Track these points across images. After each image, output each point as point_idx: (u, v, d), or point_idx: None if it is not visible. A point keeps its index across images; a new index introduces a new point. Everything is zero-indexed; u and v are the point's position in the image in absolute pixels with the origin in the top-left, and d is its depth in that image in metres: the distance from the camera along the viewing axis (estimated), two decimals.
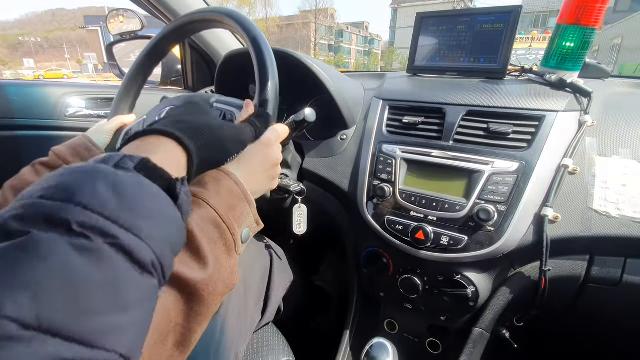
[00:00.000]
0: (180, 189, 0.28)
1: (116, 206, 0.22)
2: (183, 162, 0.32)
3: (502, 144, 0.61)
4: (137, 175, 0.25)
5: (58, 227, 0.20)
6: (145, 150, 0.30)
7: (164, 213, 0.26)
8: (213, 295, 0.34)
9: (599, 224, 0.55)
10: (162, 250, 0.24)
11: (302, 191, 0.71)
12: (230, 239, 0.38)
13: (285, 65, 0.64)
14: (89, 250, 0.20)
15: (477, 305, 0.63)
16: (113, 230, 0.21)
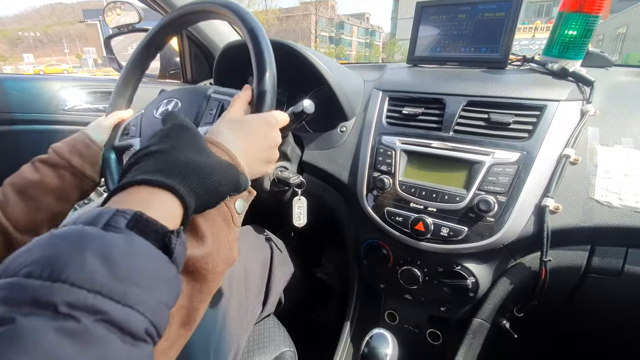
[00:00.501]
0: (175, 242, 0.26)
1: (106, 278, 0.21)
2: (178, 212, 0.30)
3: (503, 134, 0.60)
4: (129, 235, 0.24)
5: (44, 311, 0.18)
6: (137, 202, 0.28)
7: (158, 275, 0.24)
8: (213, 272, 0.33)
9: (601, 214, 0.54)
10: (156, 313, 0.23)
11: (302, 183, 0.71)
12: (227, 211, 0.37)
13: (284, 57, 0.63)
14: (76, 334, 0.19)
15: (477, 296, 0.63)
16: (103, 306, 0.20)
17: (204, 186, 0.32)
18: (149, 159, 0.32)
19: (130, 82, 0.69)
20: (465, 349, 0.67)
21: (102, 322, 0.20)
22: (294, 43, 0.75)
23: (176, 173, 0.30)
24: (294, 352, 0.68)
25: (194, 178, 0.31)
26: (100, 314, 0.20)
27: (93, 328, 0.19)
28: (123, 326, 0.21)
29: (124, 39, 1.28)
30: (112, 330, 0.20)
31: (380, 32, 55.37)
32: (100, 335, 0.19)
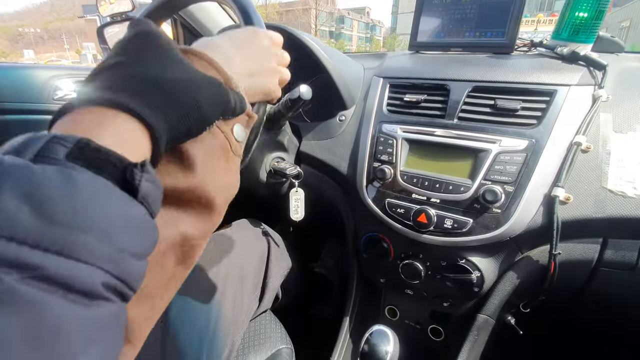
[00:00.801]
0: (140, 177, 0.20)
1: (35, 222, 0.15)
2: (144, 141, 0.23)
3: (510, 121, 0.57)
4: (70, 168, 0.18)
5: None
6: (84, 128, 0.21)
7: (117, 217, 0.19)
8: (209, 205, 0.29)
9: (614, 204, 0.51)
10: (119, 264, 0.18)
11: (299, 174, 0.69)
12: (223, 138, 0.31)
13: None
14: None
15: (482, 291, 0.60)
16: (32, 259, 0.15)
17: (177, 106, 0.25)
18: (101, 75, 0.24)
19: None
20: (469, 345, 0.64)
21: (33, 279, 0.15)
22: (291, 28, 0.72)
23: (139, 92, 0.23)
24: (291, 349, 0.65)
25: (162, 96, 0.24)
26: (28, 270, 0.15)
27: (19, 288, 0.14)
28: (65, 283, 0.16)
29: (119, 30, 1.25)
30: (49, 289, 0.15)
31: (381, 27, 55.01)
32: (30, 296, 0.15)
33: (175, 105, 0.25)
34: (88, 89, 0.23)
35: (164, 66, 0.26)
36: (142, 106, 0.22)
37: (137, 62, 0.25)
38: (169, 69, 0.26)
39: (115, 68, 0.24)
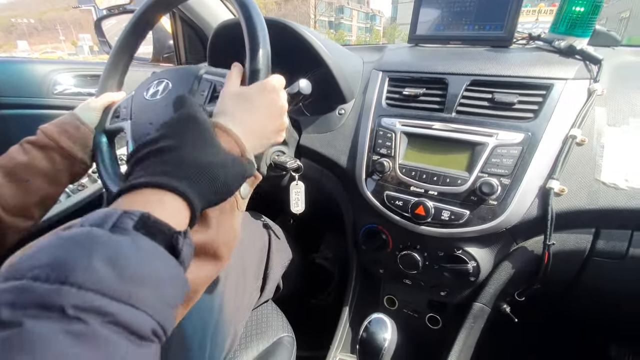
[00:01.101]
0: (182, 243, 0.26)
1: (113, 280, 0.21)
2: (185, 214, 0.30)
3: (507, 114, 0.58)
4: (136, 237, 0.24)
5: (52, 313, 0.18)
6: (144, 204, 0.28)
7: (164, 276, 0.24)
8: (214, 257, 0.34)
9: (607, 196, 0.53)
10: (163, 313, 0.23)
11: (299, 168, 0.69)
12: (232, 198, 0.36)
13: (279, 37, 0.61)
14: (84, 336, 0.19)
15: (478, 281, 0.62)
16: (109, 308, 0.20)
17: (213, 189, 0.32)
18: (156, 157, 0.32)
19: (120, 63, 0.67)
20: (465, 333, 0.66)
21: (109, 324, 0.20)
22: (290, 21, 0.72)
23: (185, 176, 0.30)
24: (292, 338, 0.67)
25: (204, 182, 0.31)
26: (107, 316, 0.20)
27: (100, 330, 0.19)
28: (129, 327, 0.21)
29: (117, 23, 1.24)
30: (119, 331, 0.20)
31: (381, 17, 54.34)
32: (107, 337, 0.20)
33: (211, 187, 0.32)
34: (149, 169, 0.30)
35: (206, 151, 0.33)
36: (186, 187, 0.29)
37: (185, 148, 0.32)
38: (207, 152, 0.33)
39: (169, 152, 0.32)
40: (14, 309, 0.18)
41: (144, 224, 0.25)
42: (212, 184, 0.32)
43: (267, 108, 0.44)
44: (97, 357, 0.19)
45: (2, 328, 0.18)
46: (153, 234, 0.25)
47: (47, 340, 0.18)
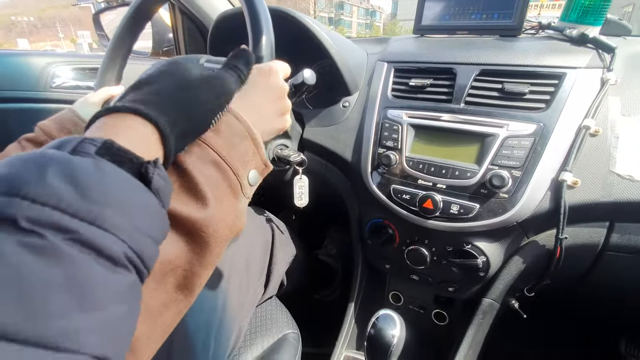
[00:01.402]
0: (153, 172, 0.24)
1: (73, 197, 0.19)
2: (154, 140, 0.27)
3: (518, 105, 0.56)
4: (100, 161, 0.22)
5: (3, 226, 0.17)
6: (107, 132, 0.25)
7: (134, 200, 0.22)
8: (215, 237, 0.31)
9: (621, 188, 0.51)
10: (137, 241, 0.22)
11: (303, 161, 0.68)
12: (235, 180, 0.34)
13: (283, 27, 0.59)
14: (42, 249, 0.17)
15: (488, 276, 0.60)
16: (71, 225, 0.18)
17: (182, 106, 0.30)
18: (131, 91, 0.31)
19: (118, 56, 0.65)
20: (474, 329, 0.65)
21: (73, 241, 0.18)
22: (293, 11, 0.70)
23: (146, 100, 0.29)
24: (297, 334, 0.66)
25: (167, 101, 0.30)
26: (68, 233, 0.18)
27: (62, 246, 0.18)
28: (97, 248, 0.19)
29: (116, 18, 1.22)
30: (86, 252, 0.19)
31: (381, 13, 54.06)
32: (72, 255, 0.18)
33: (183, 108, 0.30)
34: (120, 102, 0.29)
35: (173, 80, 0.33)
36: (152, 109, 0.28)
37: (159, 81, 0.32)
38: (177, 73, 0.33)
39: (142, 86, 0.31)
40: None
41: (107, 151, 0.23)
42: (181, 105, 0.30)
43: (266, 90, 0.42)
44: (56, 272, 0.17)
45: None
46: (119, 162, 0.23)
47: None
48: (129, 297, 0.21)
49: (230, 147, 0.35)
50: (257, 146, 0.38)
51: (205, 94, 0.33)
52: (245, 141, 0.36)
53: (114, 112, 0.27)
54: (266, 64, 0.44)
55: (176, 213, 0.29)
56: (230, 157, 0.34)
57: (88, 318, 0.18)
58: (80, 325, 0.18)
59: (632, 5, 14.68)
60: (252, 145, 0.37)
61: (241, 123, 0.36)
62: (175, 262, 0.29)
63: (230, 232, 0.34)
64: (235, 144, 0.35)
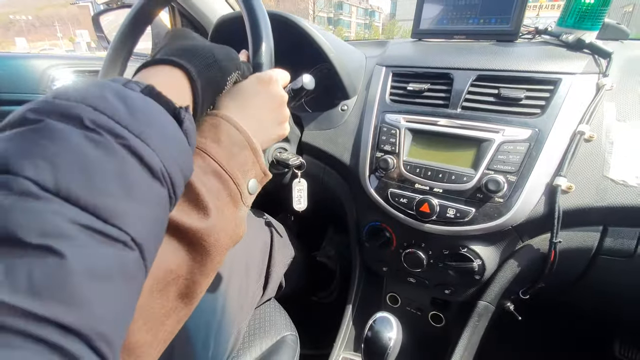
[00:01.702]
0: (184, 115, 0.28)
1: (125, 114, 0.23)
2: (186, 88, 0.32)
3: (514, 110, 0.57)
4: (142, 95, 0.25)
5: (71, 121, 0.20)
6: (148, 79, 0.30)
7: (170, 131, 0.26)
8: (216, 246, 0.32)
9: (615, 193, 0.52)
10: (170, 164, 0.25)
11: (302, 165, 0.68)
12: (235, 189, 0.35)
13: (281, 31, 0.59)
14: (101, 143, 0.21)
15: (483, 279, 0.61)
16: (123, 133, 0.22)
17: (204, 59, 0.35)
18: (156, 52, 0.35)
19: (118, 59, 0.65)
20: (470, 331, 0.66)
21: (123, 145, 0.21)
22: (293, 15, 0.71)
23: (178, 54, 0.33)
24: (295, 336, 0.67)
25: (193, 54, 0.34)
26: (121, 138, 0.21)
27: (115, 146, 0.21)
28: (141, 156, 0.22)
29: (116, 19, 1.22)
30: (132, 156, 0.22)
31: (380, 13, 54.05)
32: (122, 154, 0.21)
33: (203, 61, 0.34)
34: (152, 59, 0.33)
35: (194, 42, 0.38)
36: (183, 62, 0.32)
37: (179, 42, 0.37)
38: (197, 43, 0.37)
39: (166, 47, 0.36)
40: (37, 113, 0.20)
41: (149, 92, 0.26)
42: (202, 58, 0.34)
43: (266, 99, 0.43)
44: (111, 163, 0.21)
45: (26, 124, 0.19)
46: (158, 102, 0.26)
47: (66, 135, 0.19)
48: (161, 205, 0.24)
49: (230, 156, 0.36)
50: (256, 155, 0.38)
51: (222, 55, 0.37)
52: (244, 151, 0.37)
53: (152, 65, 0.32)
54: (266, 72, 0.44)
55: (178, 223, 0.30)
56: (230, 167, 0.35)
57: (132, 206, 0.21)
58: (126, 210, 0.21)
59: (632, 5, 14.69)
60: (251, 154, 0.38)
61: (241, 133, 0.37)
62: (177, 272, 0.30)
63: (231, 240, 0.34)
64: (235, 154, 0.36)
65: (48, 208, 0.18)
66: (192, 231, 0.30)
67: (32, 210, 0.17)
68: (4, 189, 0.17)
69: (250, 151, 0.38)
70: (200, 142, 0.35)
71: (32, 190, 0.17)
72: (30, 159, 0.18)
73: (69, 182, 0.19)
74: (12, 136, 0.19)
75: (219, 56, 0.36)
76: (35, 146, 0.19)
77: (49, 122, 0.19)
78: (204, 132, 0.36)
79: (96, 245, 0.19)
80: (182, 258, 0.30)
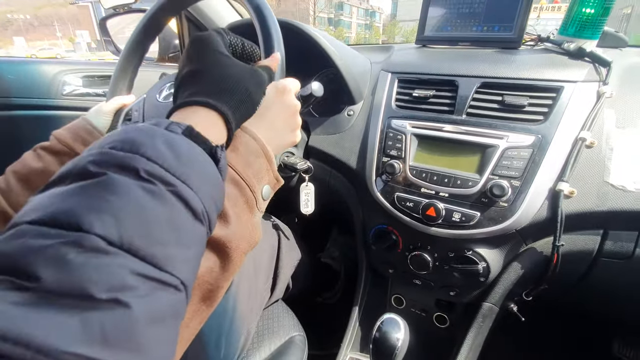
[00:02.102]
0: (220, 154, 0.30)
1: (172, 161, 0.25)
2: (222, 127, 0.34)
3: (518, 117, 0.59)
4: (186, 138, 0.28)
5: (129, 173, 0.23)
6: (187, 119, 0.32)
7: (209, 172, 0.28)
8: (236, 252, 0.34)
9: (615, 198, 0.54)
10: (209, 203, 0.27)
11: (309, 169, 0.70)
12: (251, 196, 0.37)
13: (289, 38, 0.61)
14: (155, 193, 0.23)
15: (488, 281, 0.63)
16: (172, 180, 0.24)
17: (238, 96, 0.37)
18: (186, 82, 0.37)
19: (130, 66, 0.67)
20: (474, 332, 0.67)
21: (172, 192, 0.24)
22: (300, 23, 0.72)
23: (214, 92, 0.35)
24: (303, 337, 0.68)
25: (229, 93, 0.36)
26: (170, 186, 0.24)
27: (167, 194, 0.24)
28: (187, 201, 0.25)
29: (120, 21, 1.24)
30: (179, 201, 0.24)
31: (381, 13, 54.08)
32: (171, 200, 0.24)
33: (236, 98, 0.36)
34: (182, 95, 0.36)
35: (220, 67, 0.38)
36: (220, 106, 0.34)
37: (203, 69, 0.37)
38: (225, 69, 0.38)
39: (192, 76, 0.37)
40: (98, 166, 0.22)
41: (189, 133, 0.29)
42: (236, 96, 0.37)
43: (280, 109, 0.44)
44: (164, 211, 0.23)
45: (90, 177, 0.22)
46: (197, 143, 0.29)
47: (126, 188, 0.22)
48: (202, 244, 0.27)
49: (247, 165, 0.37)
50: (270, 163, 0.40)
51: (253, 86, 0.39)
52: (260, 159, 0.39)
53: (189, 105, 0.34)
54: (281, 82, 0.46)
55: None
56: (247, 175, 0.37)
57: (181, 251, 0.24)
58: (176, 255, 0.23)
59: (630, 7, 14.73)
60: (265, 162, 0.39)
61: (257, 142, 0.39)
62: (202, 277, 0.31)
63: (249, 245, 0.36)
64: (251, 162, 0.38)
65: (114, 262, 0.20)
66: (215, 238, 0.32)
67: (101, 265, 0.19)
68: (77, 246, 0.19)
69: (265, 159, 0.39)
70: None
71: (101, 246, 0.19)
72: (97, 214, 0.20)
73: (132, 235, 0.21)
74: (78, 190, 0.21)
75: (250, 88, 0.38)
76: (101, 201, 0.21)
77: (110, 175, 0.22)
78: None
79: (153, 292, 0.21)
80: (206, 265, 0.32)
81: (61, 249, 0.18)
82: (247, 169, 0.37)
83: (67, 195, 0.21)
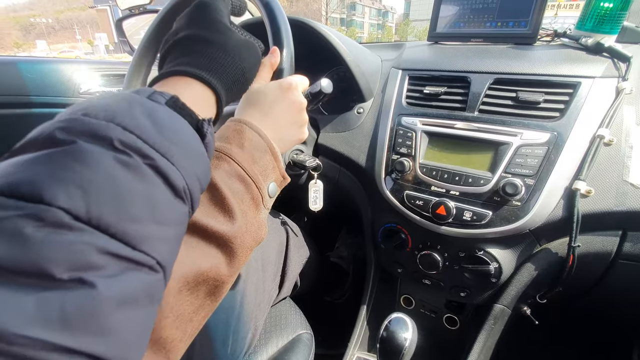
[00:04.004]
0: (207, 129, 0.28)
1: (152, 131, 0.23)
2: (212, 102, 0.33)
3: (532, 113, 0.57)
4: (169, 109, 0.26)
5: (102, 142, 0.20)
6: (174, 89, 0.30)
7: (193, 146, 0.26)
8: (242, 248, 0.34)
9: (635, 197, 0.51)
10: (191, 179, 0.25)
11: (318, 166, 0.70)
12: (257, 192, 0.37)
13: (299, 35, 0.61)
14: (130, 166, 0.21)
15: (500, 282, 0.61)
16: (150, 153, 0.22)
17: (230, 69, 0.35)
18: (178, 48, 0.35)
19: (143, 64, 0.68)
20: (485, 334, 0.66)
21: (150, 166, 0.22)
22: (310, 20, 0.72)
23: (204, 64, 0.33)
24: (310, 335, 0.68)
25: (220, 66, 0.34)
26: (148, 159, 0.22)
27: (143, 167, 0.21)
28: (166, 176, 0.23)
29: (136, 22, 1.26)
30: (158, 176, 0.22)
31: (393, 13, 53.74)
32: (149, 175, 0.22)
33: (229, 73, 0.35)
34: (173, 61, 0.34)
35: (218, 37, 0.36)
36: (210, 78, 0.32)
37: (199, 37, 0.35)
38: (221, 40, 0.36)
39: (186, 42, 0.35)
40: (68, 133, 0.20)
41: (174, 104, 0.27)
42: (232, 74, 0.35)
43: (286, 105, 0.44)
44: (140, 186, 0.21)
45: (58, 145, 0.19)
46: (181, 114, 0.27)
47: (97, 158, 0.20)
48: (183, 223, 0.25)
49: (253, 161, 0.37)
50: (276, 160, 0.40)
51: (248, 65, 0.38)
52: (266, 155, 0.39)
53: (180, 74, 0.32)
54: (286, 79, 0.46)
55: (207, 227, 0.31)
56: (253, 171, 0.37)
57: (158, 229, 0.22)
58: (152, 234, 0.21)
59: None
60: (272, 159, 0.39)
61: (263, 139, 0.39)
62: (207, 273, 0.31)
63: (254, 242, 0.36)
64: (257, 159, 0.38)
65: (80, 239, 0.18)
66: (220, 234, 0.32)
67: (64, 242, 0.17)
68: (37, 220, 0.17)
69: (271, 156, 0.39)
70: (226, 148, 0.36)
71: (64, 221, 0.17)
72: (63, 186, 0.18)
73: (101, 210, 0.19)
74: (43, 158, 0.19)
75: (246, 66, 0.37)
76: (67, 171, 0.18)
77: (80, 144, 0.19)
78: (229, 137, 0.37)
79: (124, 272, 0.19)
80: (211, 260, 0.31)
81: (18, 222, 0.16)
82: (253, 166, 0.37)
83: (30, 163, 0.18)
